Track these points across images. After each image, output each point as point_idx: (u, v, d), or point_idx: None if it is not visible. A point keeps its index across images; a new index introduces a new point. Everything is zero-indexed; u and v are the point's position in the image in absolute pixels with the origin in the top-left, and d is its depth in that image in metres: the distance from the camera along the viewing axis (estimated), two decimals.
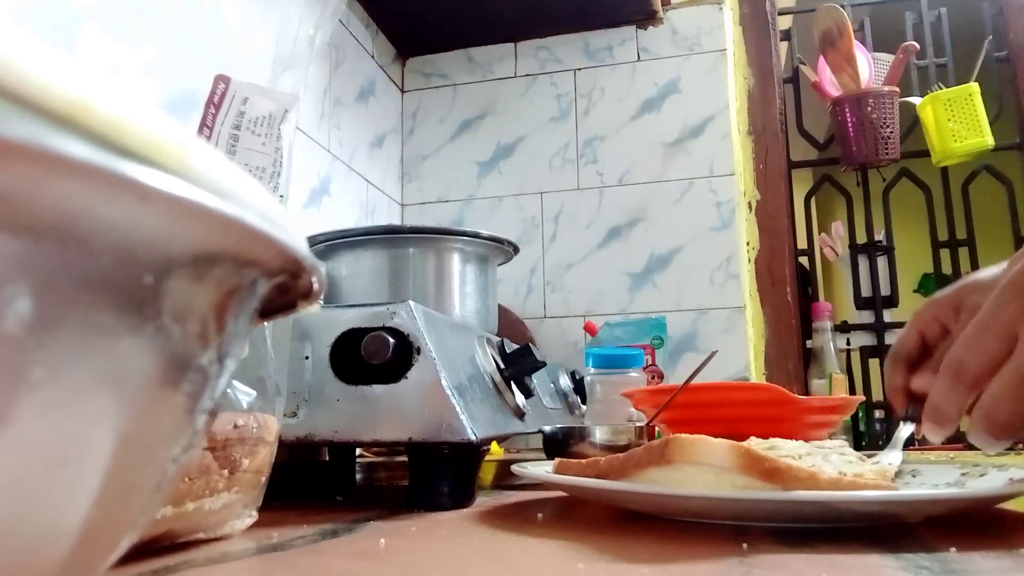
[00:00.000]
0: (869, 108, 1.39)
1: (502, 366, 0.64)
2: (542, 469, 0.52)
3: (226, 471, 0.37)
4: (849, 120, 1.41)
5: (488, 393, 0.59)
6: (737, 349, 1.32)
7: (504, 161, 1.51)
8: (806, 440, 0.51)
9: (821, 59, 1.44)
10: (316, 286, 0.17)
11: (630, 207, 1.43)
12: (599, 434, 0.68)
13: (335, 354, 0.53)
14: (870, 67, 1.43)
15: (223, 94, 0.65)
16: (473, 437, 0.49)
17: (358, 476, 0.82)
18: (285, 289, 0.17)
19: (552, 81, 1.52)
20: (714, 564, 0.31)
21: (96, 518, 0.14)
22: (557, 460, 0.49)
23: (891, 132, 1.40)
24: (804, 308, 1.43)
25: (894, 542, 0.35)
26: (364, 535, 0.41)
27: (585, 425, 0.73)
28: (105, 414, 0.13)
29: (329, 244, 0.79)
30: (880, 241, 1.49)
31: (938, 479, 0.49)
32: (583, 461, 0.46)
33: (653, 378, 1.14)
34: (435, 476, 0.52)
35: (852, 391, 1.38)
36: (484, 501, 0.55)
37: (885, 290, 1.47)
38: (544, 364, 0.67)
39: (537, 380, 0.74)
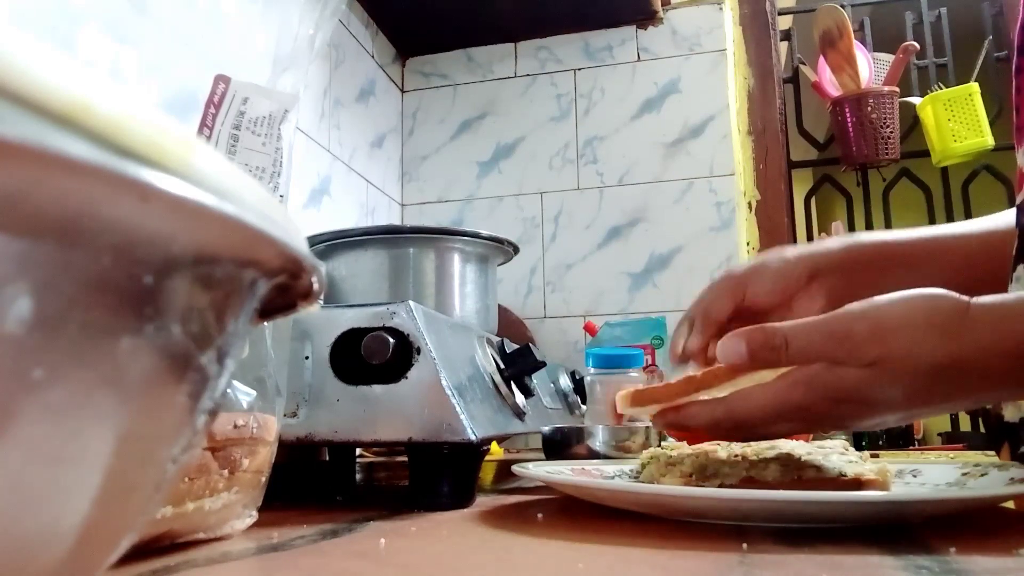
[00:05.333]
0: (869, 108, 1.39)
1: (502, 366, 0.64)
2: (543, 469, 0.52)
3: (226, 471, 0.37)
4: (849, 120, 1.41)
5: (488, 393, 0.59)
6: None
7: (504, 161, 1.51)
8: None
9: (821, 59, 1.44)
10: (316, 286, 0.17)
11: (630, 207, 1.43)
12: (599, 434, 0.68)
13: (335, 354, 0.53)
14: (870, 67, 1.43)
15: (223, 94, 0.65)
16: (473, 437, 0.49)
17: (358, 476, 0.82)
18: (285, 289, 0.17)
19: (552, 81, 1.52)
20: (714, 564, 0.31)
21: (96, 518, 0.14)
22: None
23: (891, 132, 1.40)
24: None
25: (894, 542, 0.35)
26: (364, 535, 0.41)
27: (585, 425, 0.73)
28: (105, 414, 0.13)
29: (329, 244, 0.79)
30: None
31: (938, 479, 0.49)
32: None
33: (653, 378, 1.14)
34: (435, 476, 0.52)
35: None
36: (484, 501, 0.55)
37: None
38: (544, 364, 0.67)
39: (537, 380, 0.74)
